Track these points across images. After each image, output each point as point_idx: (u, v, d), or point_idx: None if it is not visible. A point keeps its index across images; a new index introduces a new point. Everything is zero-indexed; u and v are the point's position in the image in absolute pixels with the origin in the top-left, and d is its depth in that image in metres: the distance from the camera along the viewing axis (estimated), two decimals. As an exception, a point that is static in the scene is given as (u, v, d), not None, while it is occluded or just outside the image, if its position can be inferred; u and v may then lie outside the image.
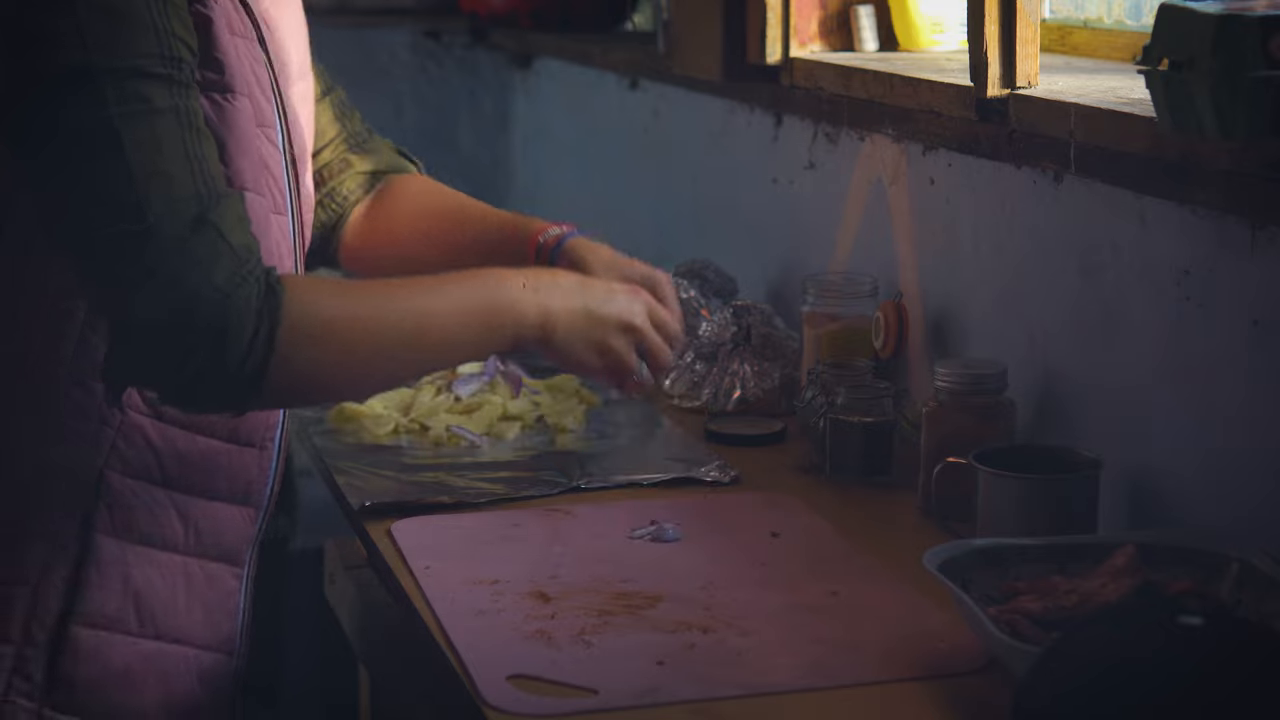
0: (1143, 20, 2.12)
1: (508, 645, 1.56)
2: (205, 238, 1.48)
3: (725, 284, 2.51)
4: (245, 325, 1.48)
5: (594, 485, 1.96)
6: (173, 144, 1.48)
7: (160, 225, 1.46)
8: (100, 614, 1.60)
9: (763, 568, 1.74)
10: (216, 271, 1.47)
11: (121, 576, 1.60)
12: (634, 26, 2.98)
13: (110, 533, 1.59)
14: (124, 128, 1.46)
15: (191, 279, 1.46)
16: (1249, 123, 1.43)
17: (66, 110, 1.47)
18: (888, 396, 2.00)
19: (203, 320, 1.47)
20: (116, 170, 1.46)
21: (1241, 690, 1.16)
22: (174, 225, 1.47)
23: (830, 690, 1.48)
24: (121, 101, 1.47)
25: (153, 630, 1.62)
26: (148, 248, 1.46)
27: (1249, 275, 1.62)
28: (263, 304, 1.49)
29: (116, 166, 1.46)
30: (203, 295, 1.46)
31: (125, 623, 1.61)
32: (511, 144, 3.85)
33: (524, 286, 1.66)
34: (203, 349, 1.47)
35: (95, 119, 1.46)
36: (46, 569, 1.58)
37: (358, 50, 3.83)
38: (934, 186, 2.13)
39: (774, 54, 2.35)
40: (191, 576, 1.64)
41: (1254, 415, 1.63)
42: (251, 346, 1.48)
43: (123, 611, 1.61)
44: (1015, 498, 1.71)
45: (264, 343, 1.48)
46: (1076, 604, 1.47)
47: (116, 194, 1.46)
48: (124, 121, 1.47)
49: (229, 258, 1.48)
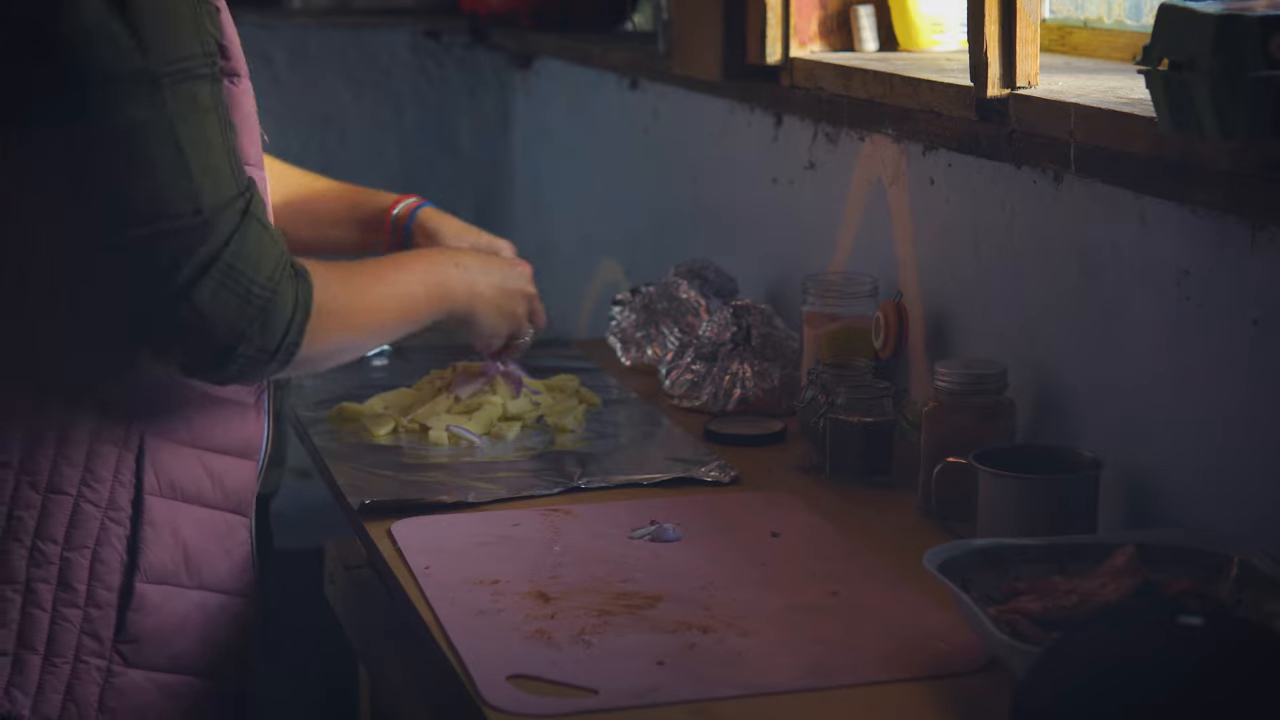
0: (1143, 20, 2.12)
1: (508, 645, 1.56)
2: (253, 231, 1.63)
3: (725, 284, 2.51)
4: (285, 313, 1.65)
5: (594, 485, 1.96)
6: (217, 141, 1.61)
7: (215, 218, 1.60)
8: (159, 568, 1.72)
9: (763, 568, 1.74)
10: (265, 262, 1.63)
11: (171, 531, 1.73)
12: (634, 26, 2.98)
13: (157, 493, 1.72)
14: (180, 127, 1.58)
15: (247, 271, 1.61)
16: (1249, 123, 1.43)
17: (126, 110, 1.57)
18: (888, 396, 2.00)
19: (254, 309, 1.62)
20: (175, 166, 1.58)
21: (1242, 690, 1.16)
22: (226, 218, 1.61)
23: (830, 690, 1.48)
24: (177, 102, 1.58)
25: (198, 580, 1.75)
26: (206, 240, 1.59)
27: (1249, 275, 1.62)
28: (297, 295, 1.66)
29: (175, 163, 1.58)
30: (255, 285, 1.62)
31: (179, 575, 1.74)
32: (511, 144, 3.85)
33: (456, 267, 1.94)
34: (252, 335, 1.63)
35: (154, 119, 1.57)
36: (105, 532, 1.69)
37: (358, 50, 3.84)
38: (934, 186, 2.13)
39: (774, 54, 2.35)
40: (217, 528, 1.77)
41: (1254, 415, 1.63)
42: (288, 331, 1.65)
43: (176, 565, 1.73)
44: (1015, 498, 1.71)
45: (298, 329, 1.66)
46: (1076, 604, 1.47)
47: (175, 188, 1.58)
48: (180, 121, 1.58)
49: (272, 248, 1.64)
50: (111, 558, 1.69)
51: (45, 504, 1.67)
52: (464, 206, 3.92)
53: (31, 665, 1.67)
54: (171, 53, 1.58)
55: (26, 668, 1.67)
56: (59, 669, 1.67)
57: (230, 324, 1.61)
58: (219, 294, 1.60)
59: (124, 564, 1.70)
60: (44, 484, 1.67)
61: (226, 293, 1.60)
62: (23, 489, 1.67)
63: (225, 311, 1.60)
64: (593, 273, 3.30)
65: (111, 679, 1.70)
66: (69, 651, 1.68)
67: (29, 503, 1.67)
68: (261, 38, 3.74)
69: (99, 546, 1.69)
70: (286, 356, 1.66)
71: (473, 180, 3.92)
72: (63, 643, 1.68)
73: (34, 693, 1.66)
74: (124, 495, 1.70)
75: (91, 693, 1.69)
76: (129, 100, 1.57)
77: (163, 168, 1.58)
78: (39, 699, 1.67)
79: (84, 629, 1.68)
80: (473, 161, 3.91)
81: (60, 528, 1.67)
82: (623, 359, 2.44)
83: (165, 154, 1.58)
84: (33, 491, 1.67)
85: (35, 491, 1.67)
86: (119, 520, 1.69)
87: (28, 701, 1.66)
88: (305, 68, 3.81)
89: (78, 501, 1.68)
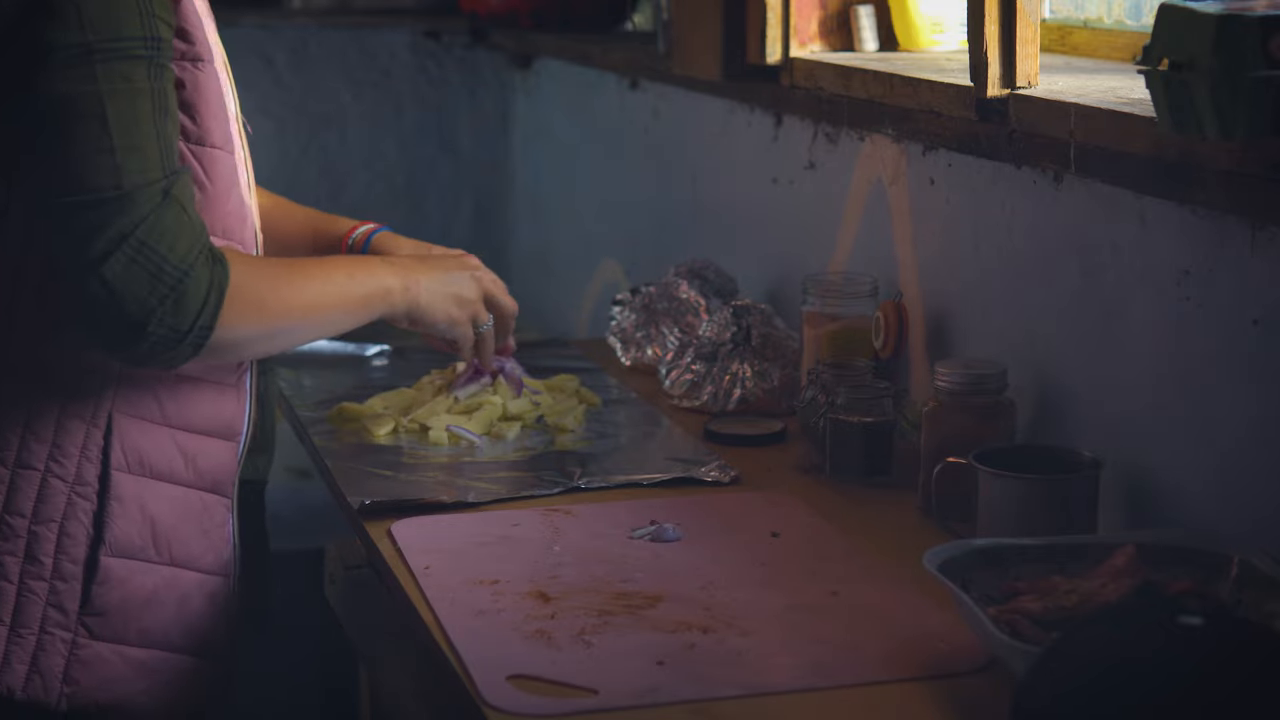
0: (1143, 20, 2.12)
1: (508, 645, 1.56)
2: (172, 212, 1.65)
3: (725, 284, 2.51)
4: (199, 295, 1.66)
5: (594, 485, 1.96)
6: (146, 122, 1.64)
7: (134, 196, 1.63)
8: (125, 543, 1.74)
9: (763, 568, 1.74)
10: (180, 243, 1.65)
11: (139, 507, 1.75)
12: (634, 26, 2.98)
13: (125, 469, 1.74)
14: (108, 103, 1.62)
15: (160, 249, 1.64)
16: (1249, 123, 1.43)
17: (60, 82, 1.61)
18: (888, 396, 2.00)
19: (165, 287, 1.63)
20: (99, 141, 1.62)
21: (1242, 690, 1.16)
22: (146, 197, 1.63)
23: (830, 690, 1.48)
24: (108, 79, 1.62)
25: (168, 556, 1.78)
26: (122, 216, 1.62)
27: (1249, 275, 1.62)
28: (211, 278, 1.67)
29: (100, 137, 1.62)
30: (168, 264, 1.64)
31: (146, 550, 1.76)
32: (511, 144, 3.85)
33: (389, 265, 1.92)
34: (164, 314, 1.64)
35: (84, 93, 1.61)
36: (72, 507, 1.72)
37: (358, 50, 3.84)
38: (934, 186, 2.13)
39: (774, 54, 2.35)
40: (191, 506, 1.79)
41: (1254, 415, 1.63)
42: (200, 314, 1.66)
43: (143, 540, 1.76)
44: (1015, 498, 1.71)
45: (211, 313, 1.67)
46: (1076, 604, 1.47)
47: (97, 162, 1.62)
48: (109, 97, 1.62)
49: (189, 232, 1.66)
50: (78, 531, 1.72)
51: (14, 479, 1.71)
52: (464, 206, 3.93)
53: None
54: (108, 30, 1.62)
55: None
56: (24, 640, 1.71)
57: (140, 300, 1.62)
58: (130, 269, 1.62)
59: (90, 538, 1.73)
60: (12, 459, 1.71)
61: (138, 269, 1.62)
62: None
63: (135, 287, 1.62)
64: (593, 273, 3.30)
65: (76, 651, 1.73)
66: (34, 623, 1.71)
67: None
68: (261, 38, 3.74)
69: (65, 520, 1.72)
70: (199, 339, 1.67)
71: (473, 180, 3.92)
72: (28, 614, 1.71)
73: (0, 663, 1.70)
74: (91, 471, 1.73)
75: (56, 664, 1.72)
76: (62, 73, 1.61)
77: (88, 141, 1.62)
78: (4, 669, 1.70)
79: (49, 601, 1.72)
80: (473, 161, 3.91)
81: (28, 502, 1.71)
82: (623, 359, 2.44)
83: (91, 128, 1.62)
84: (1, 467, 1.71)
85: (4, 466, 1.71)
86: (85, 495, 1.73)
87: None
88: (305, 68, 3.81)
89: (45, 476, 1.71)
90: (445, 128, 3.89)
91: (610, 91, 3.17)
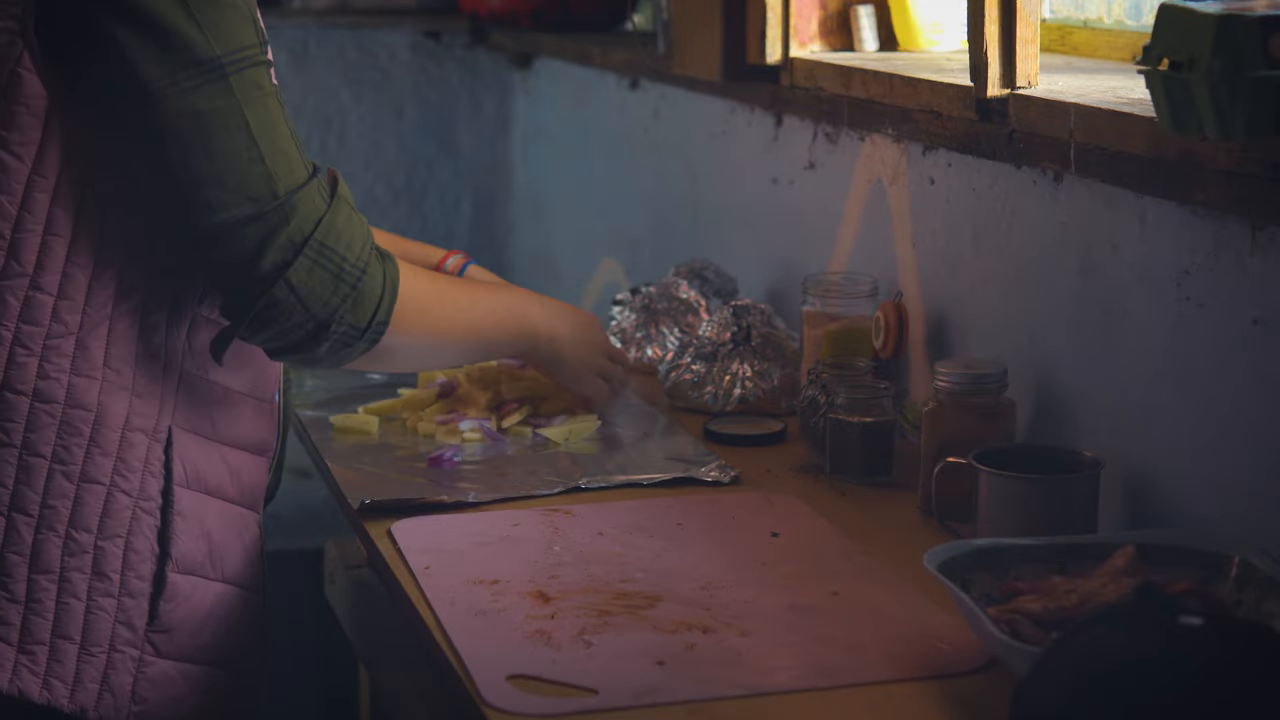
0: (1143, 20, 2.12)
1: (508, 645, 1.56)
2: (342, 211, 1.69)
3: (725, 284, 2.51)
4: (375, 292, 1.71)
5: (594, 485, 1.96)
6: (282, 124, 1.66)
7: (292, 200, 1.64)
8: (189, 559, 1.73)
9: (763, 568, 1.74)
10: (355, 241, 1.69)
11: (198, 523, 1.74)
12: (634, 26, 2.97)
13: (185, 484, 1.73)
14: (248, 113, 1.63)
15: (338, 248, 1.67)
16: (1249, 123, 1.43)
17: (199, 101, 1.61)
18: (888, 396, 2.00)
19: (347, 287, 1.68)
20: (249, 151, 1.63)
21: (1242, 691, 1.16)
22: (306, 199, 1.65)
23: (830, 690, 1.48)
24: (244, 89, 1.63)
25: (220, 573, 1.77)
26: (288, 222, 1.64)
27: (1249, 275, 1.62)
28: (385, 273, 1.72)
29: (249, 148, 1.63)
30: (346, 263, 1.68)
31: (204, 567, 1.75)
32: (511, 144, 3.85)
33: (539, 304, 2.00)
34: (343, 312, 1.68)
35: (225, 107, 1.62)
36: (137, 522, 1.70)
37: (358, 50, 3.84)
38: (934, 186, 2.13)
39: (774, 54, 2.35)
40: (234, 522, 1.79)
41: (1254, 415, 1.63)
42: (377, 311, 1.71)
43: (202, 556, 1.75)
44: (1015, 498, 1.71)
45: (387, 308, 1.72)
46: (1076, 604, 1.46)
47: (251, 173, 1.63)
48: (248, 107, 1.63)
49: (361, 229, 1.71)
50: (143, 547, 1.70)
51: (79, 493, 1.67)
52: (464, 206, 3.93)
53: (68, 655, 1.67)
54: (233, 42, 1.62)
55: (63, 657, 1.67)
56: (95, 658, 1.68)
57: (324, 302, 1.66)
58: (314, 272, 1.65)
59: (155, 554, 1.71)
60: (77, 473, 1.67)
61: (321, 270, 1.66)
62: (56, 478, 1.67)
63: (320, 289, 1.66)
64: (593, 273, 3.30)
65: (144, 669, 1.70)
66: (104, 640, 1.68)
67: (63, 492, 1.67)
68: (261, 38, 3.73)
69: (131, 536, 1.69)
70: (375, 335, 1.71)
71: (473, 180, 3.92)
72: (98, 632, 1.68)
73: (71, 682, 1.67)
74: (154, 485, 1.71)
75: (126, 682, 1.69)
76: (197, 90, 1.61)
77: (237, 154, 1.62)
78: (76, 689, 1.67)
79: (118, 618, 1.69)
80: (473, 161, 3.91)
81: (94, 517, 1.68)
82: (623, 359, 2.44)
83: (238, 140, 1.62)
84: (66, 481, 1.67)
85: (68, 481, 1.67)
86: (149, 510, 1.70)
87: (66, 691, 1.66)
88: (305, 68, 3.81)
89: (110, 490, 1.68)
90: (445, 128, 3.89)
91: (610, 91, 3.17)
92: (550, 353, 2.02)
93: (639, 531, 1.82)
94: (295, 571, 2.86)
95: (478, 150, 3.91)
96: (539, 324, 1.99)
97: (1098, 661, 1.20)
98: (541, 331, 2.00)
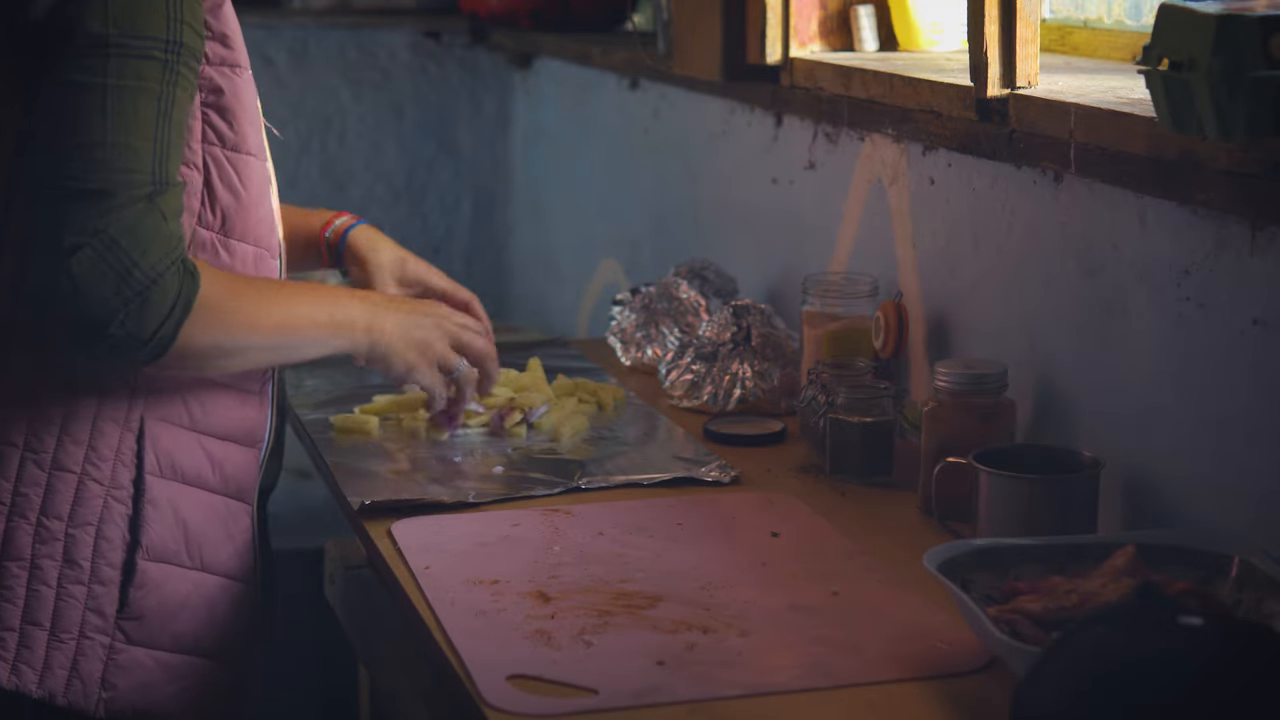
0: (1143, 20, 2.12)
1: (508, 645, 1.56)
2: (151, 218, 1.63)
3: (725, 284, 2.51)
4: (164, 305, 1.64)
5: (594, 485, 1.96)
6: (146, 124, 1.63)
7: (114, 193, 1.61)
8: (160, 547, 1.74)
9: (763, 568, 1.74)
10: (152, 250, 1.63)
11: (172, 512, 1.74)
12: (634, 26, 2.97)
13: (158, 473, 1.74)
14: (110, 98, 1.61)
15: (131, 252, 1.62)
16: (1249, 123, 1.43)
17: (73, 72, 1.61)
18: (888, 396, 2.00)
19: (130, 291, 1.62)
20: (95, 134, 1.61)
21: (1241, 691, 1.16)
22: (127, 197, 1.62)
23: (830, 690, 1.48)
24: (119, 74, 1.61)
25: (199, 562, 1.78)
26: (99, 210, 1.61)
27: (1249, 275, 1.62)
28: (180, 290, 1.65)
29: (96, 130, 1.61)
30: (137, 269, 1.62)
31: (179, 555, 1.76)
32: (511, 144, 3.85)
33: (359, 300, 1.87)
34: (124, 315, 1.62)
35: (92, 84, 1.61)
36: (108, 510, 1.71)
37: (358, 50, 3.84)
38: (934, 186, 2.13)
39: (774, 54, 2.35)
40: (218, 511, 1.79)
41: (1254, 415, 1.63)
42: (163, 325, 1.64)
43: (177, 544, 1.76)
44: (1015, 498, 1.71)
45: (174, 324, 1.65)
46: (1076, 604, 1.46)
47: (88, 155, 1.61)
48: (113, 93, 1.61)
49: (164, 241, 1.64)
50: (114, 535, 1.72)
51: (50, 481, 1.70)
52: (464, 206, 3.93)
53: (37, 641, 1.69)
54: (130, 27, 1.61)
55: (33, 643, 1.69)
56: (64, 644, 1.70)
57: (103, 300, 1.61)
58: (97, 266, 1.60)
59: (126, 541, 1.72)
60: (49, 461, 1.70)
61: (105, 267, 1.61)
62: (28, 466, 1.69)
63: (100, 286, 1.61)
64: (593, 273, 3.30)
65: (114, 655, 1.72)
66: (74, 627, 1.70)
67: (34, 480, 1.69)
68: (261, 38, 3.74)
69: (102, 524, 1.71)
70: (159, 348, 1.65)
71: (473, 180, 3.92)
72: (68, 618, 1.70)
73: (41, 668, 1.69)
74: (125, 474, 1.72)
75: (95, 669, 1.71)
76: (76, 62, 1.61)
77: (83, 133, 1.61)
78: (45, 674, 1.69)
79: (88, 605, 1.71)
80: (473, 161, 3.91)
81: (65, 505, 1.70)
82: (623, 359, 2.44)
83: (90, 120, 1.61)
84: (38, 469, 1.70)
85: (40, 469, 1.70)
86: (121, 499, 1.72)
87: (35, 676, 1.69)
88: (305, 68, 3.81)
89: (82, 479, 1.70)
90: (445, 128, 3.89)
91: (610, 91, 3.17)
92: (371, 348, 1.86)
93: (639, 531, 1.82)
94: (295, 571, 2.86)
95: (478, 150, 3.91)
96: (356, 316, 1.84)
97: (1098, 661, 1.20)
98: (360, 324, 1.84)
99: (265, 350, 1.77)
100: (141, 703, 1.74)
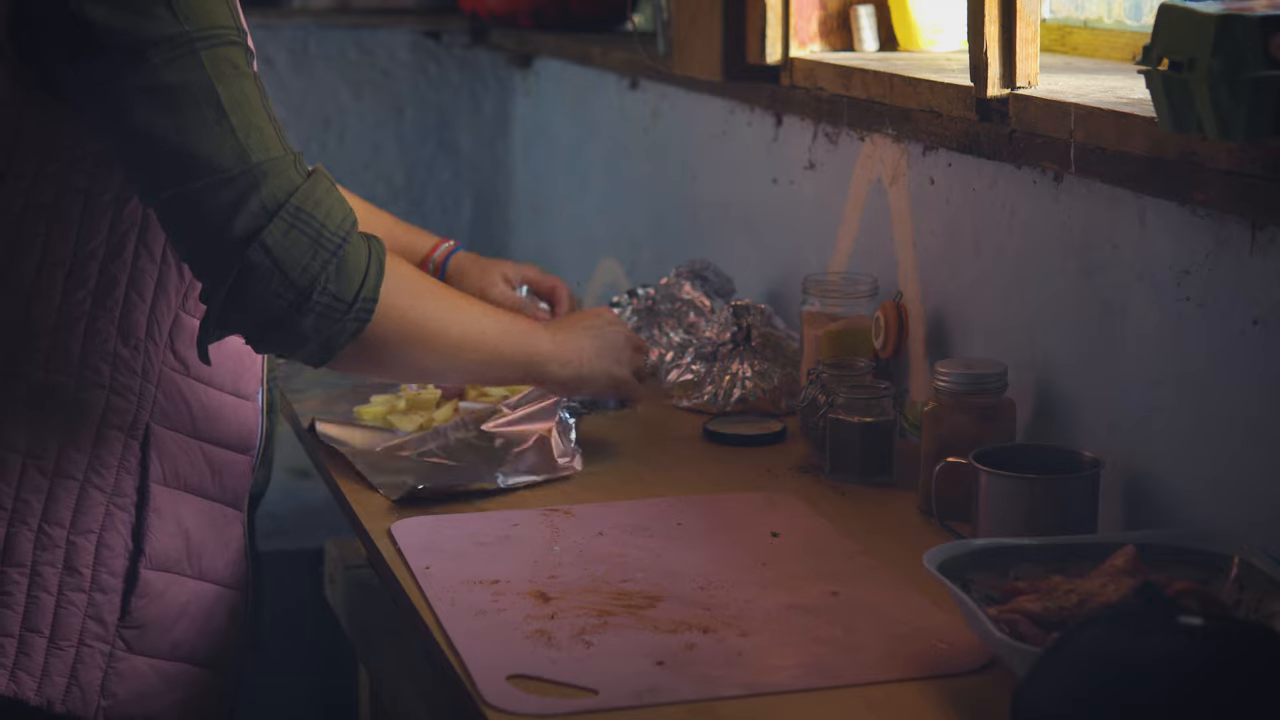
0: (1143, 20, 2.12)
1: (508, 645, 1.56)
2: (322, 183, 1.65)
3: (725, 284, 2.51)
4: (360, 262, 1.65)
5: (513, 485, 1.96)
6: (256, 102, 1.63)
7: (265, 168, 1.60)
8: (163, 556, 1.73)
9: (763, 568, 1.74)
10: (335, 211, 1.64)
11: (175, 520, 1.74)
12: (634, 26, 2.97)
13: (161, 481, 1.73)
14: (219, 88, 1.60)
15: (317, 214, 1.62)
16: (1249, 123, 1.43)
17: (168, 74, 1.59)
18: (888, 396, 2.00)
19: (326, 253, 1.62)
20: (220, 125, 1.60)
21: (1242, 691, 1.16)
22: (280, 168, 1.62)
23: (830, 690, 1.48)
24: (215, 65, 1.60)
25: (198, 570, 1.77)
26: (268, 189, 1.60)
27: (1249, 275, 1.62)
28: (369, 248, 1.67)
29: (219, 121, 1.60)
30: (326, 230, 1.63)
31: (181, 564, 1.75)
32: (511, 144, 3.85)
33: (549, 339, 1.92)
34: (325, 278, 1.62)
35: (195, 81, 1.59)
36: (110, 518, 1.70)
37: (358, 50, 3.84)
38: (934, 186, 2.13)
39: (774, 54, 2.35)
40: (215, 519, 1.79)
41: (1254, 415, 1.63)
42: (363, 284, 1.65)
43: (179, 553, 1.75)
44: (1015, 498, 1.71)
45: (373, 283, 1.66)
46: (1076, 604, 1.46)
47: (220, 145, 1.60)
48: (219, 82, 1.60)
49: (340, 202, 1.66)
50: (116, 543, 1.70)
51: (52, 488, 1.68)
52: (464, 206, 3.93)
53: (36, 648, 1.68)
54: (204, 20, 1.60)
55: (32, 650, 1.68)
56: (64, 652, 1.69)
57: (304, 266, 1.61)
58: (290, 234, 1.60)
59: (128, 549, 1.71)
60: (51, 468, 1.68)
61: (297, 233, 1.60)
62: (30, 473, 1.68)
63: (298, 253, 1.60)
64: (593, 273, 3.30)
65: (114, 664, 1.71)
66: (74, 635, 1.69)
67: (36, 486, 1.68)
68: (261, 38, 3.74)
69: (104, 531, 1.70)
70: (363, 313, 1.65)
71: (473, 180, 3.92)
72: (68, 626, 1.69)
73: (39, 675, 1.68)
74: (129, 482, 1.71)
75: (95, 677, 1.70)
76: (168, 66, 1.59)
77: (206, 126, 1.59)
78: (44, 682, 1.68)
79: (88, 613, 1.69)
80: (473, 161, 3.91)
81: (66, 512, 1.68)
82: (623, 359, 2.44)
83: (207, 114, 1.59)
84: (40, 475, 1.68)
85: (42, 475, 1.68)
86: (124, 506, 1.71)
87: (33, 684, 1.67)
88: (305, 68, 3.81)
89: (84, 486, 1.69)
90: (445, 128, 3.89)
91: (610, 91, 3.17)
92: (572, 380, 1.94)
93: (639, 531, 1.83)
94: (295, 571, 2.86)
95: (478, 150, 3.91)
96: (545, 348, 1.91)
97: (1098, 661, 1.20)
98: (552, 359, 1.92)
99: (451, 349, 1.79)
100: (140, 711, 1.73)
